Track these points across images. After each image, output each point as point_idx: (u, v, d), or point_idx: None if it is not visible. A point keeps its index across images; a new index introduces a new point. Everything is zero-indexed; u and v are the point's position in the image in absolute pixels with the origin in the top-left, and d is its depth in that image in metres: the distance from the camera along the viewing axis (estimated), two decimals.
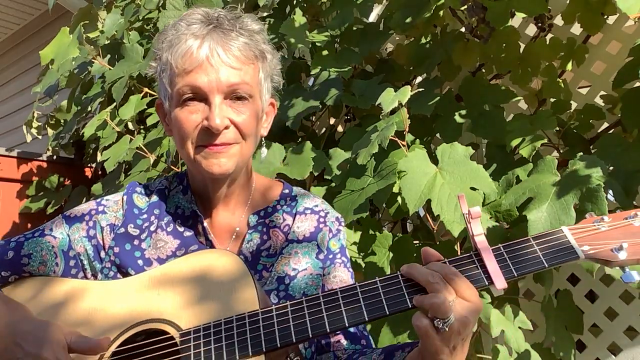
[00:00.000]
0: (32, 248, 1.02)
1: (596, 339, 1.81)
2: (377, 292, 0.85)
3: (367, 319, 0.83)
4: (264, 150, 1.18)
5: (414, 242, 1.66)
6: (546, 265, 0.83)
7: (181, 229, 1.08)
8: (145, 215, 1.08)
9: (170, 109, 1.03)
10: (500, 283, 0.82)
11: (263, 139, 1.14)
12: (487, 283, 0.83)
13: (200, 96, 0.98)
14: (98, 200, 1.11)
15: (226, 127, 0.98)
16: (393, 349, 0.97)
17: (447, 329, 0.77)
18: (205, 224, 1.07)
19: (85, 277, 1.04)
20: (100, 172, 3.22)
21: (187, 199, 1.10)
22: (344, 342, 1.05)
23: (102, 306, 0.95)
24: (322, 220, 1.12)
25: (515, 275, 0.83)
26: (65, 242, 1.04)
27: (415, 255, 1.61)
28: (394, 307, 0.83)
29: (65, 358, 0.83)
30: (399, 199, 1.57)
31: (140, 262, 1.03)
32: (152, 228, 1.07)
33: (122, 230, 1.05)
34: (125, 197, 1.09)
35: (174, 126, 1.02)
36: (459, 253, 1.56)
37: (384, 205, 1.58)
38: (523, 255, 0.84)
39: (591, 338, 1.81)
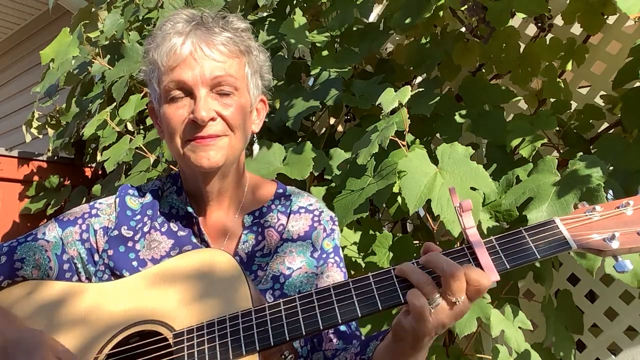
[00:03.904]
0: (25, 252, 1.01)
1: (596, 339, 1.81)
2: (369, 287, 0.85)
3: (360, 315, 0.83)
4: (255, 146, 1.18)
5: (414, 242, 1.66)
6: (538, 257, 0.83)
7: (175, 229, 1.07)
8: (138, 217, 1.08)
9: (159, 109, 1.03)
10: (492, 276, 0.82)
11: (255, 135, 1.14)
12: None
13: (186, 91, 0.99)
14: (91, 203, 1.11)
15: (212, 119, 0.98)
16: (368, 339, 0.98)
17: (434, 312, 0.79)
18: (200, 224, 1.07)
19: (80, 280, 1.04)
20: (100, 172, 3.22)
21: (182, 200, 1.10)
22: (335, 341, 1.05)
23: (97, 308, 0.94)
24: (316, 219, 1.12)
25: (508, 267, 0.83)
26: (59, 246, 1.04)
27: (415, 255, 1.61)
28: (386, 302, 0.83)
29: None
30: (399, 199, 1.57)
31: (134, 263, 1.03)
32: (146, 229, 1.06)
33: (116, 232, 1.05)
34: (117, 200, 1.09)
35: (162, 124, 1.03)
36: None
37: (384, 205, 1.58)
38: (515, 247, 0.84)
39: (591, 338, 1.81)
